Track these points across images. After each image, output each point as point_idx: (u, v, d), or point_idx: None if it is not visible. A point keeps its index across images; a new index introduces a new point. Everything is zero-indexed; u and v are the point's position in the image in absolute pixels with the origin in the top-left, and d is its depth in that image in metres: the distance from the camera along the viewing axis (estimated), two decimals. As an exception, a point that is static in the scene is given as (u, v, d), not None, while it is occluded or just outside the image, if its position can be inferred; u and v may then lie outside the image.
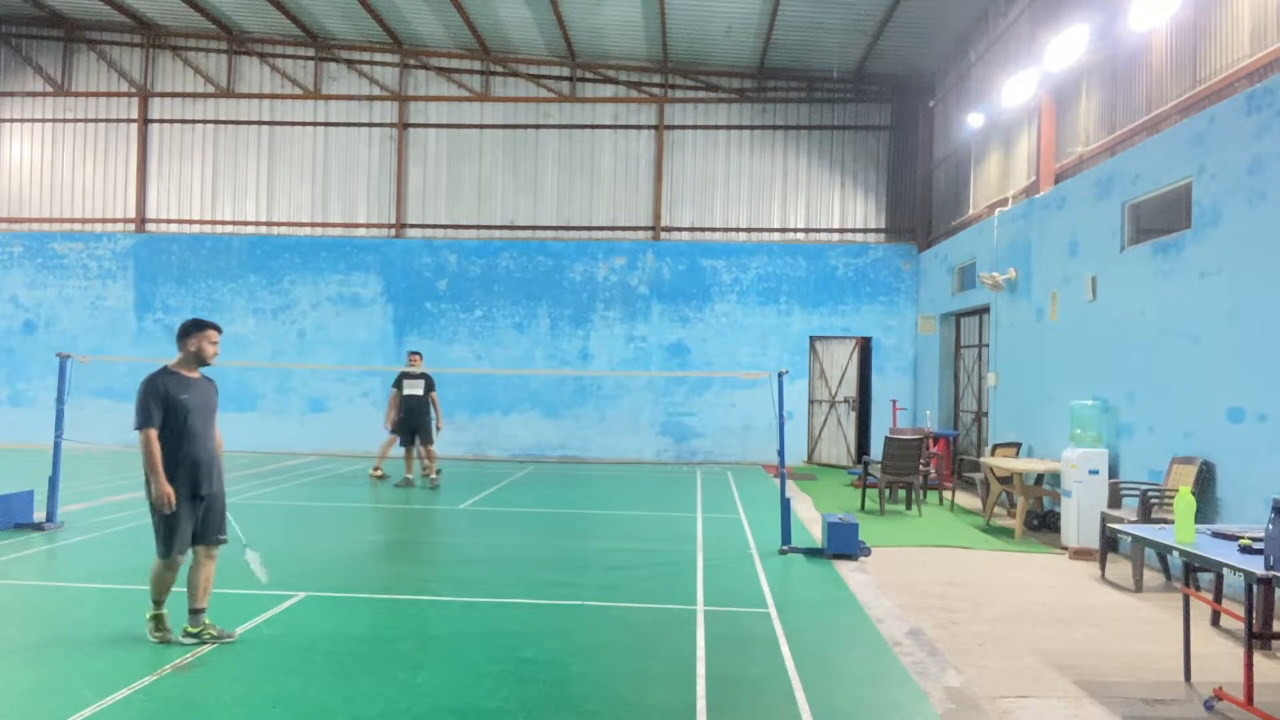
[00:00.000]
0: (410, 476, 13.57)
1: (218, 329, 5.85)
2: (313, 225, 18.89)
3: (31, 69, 19.23)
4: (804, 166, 18.58)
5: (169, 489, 5.46)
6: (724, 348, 18.22)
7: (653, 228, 18.62)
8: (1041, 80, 11.51)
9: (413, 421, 13.43)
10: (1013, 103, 12.29)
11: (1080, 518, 9.06)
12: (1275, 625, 5.76)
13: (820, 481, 15.47)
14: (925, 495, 12.53)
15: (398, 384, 13.64)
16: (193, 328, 5.77)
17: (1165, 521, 7.07)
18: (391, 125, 18.83)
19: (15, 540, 8.71)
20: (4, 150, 19.28)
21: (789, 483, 10.74)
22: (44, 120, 19.21)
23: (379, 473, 14.08)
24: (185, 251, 18.76)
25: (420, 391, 13.47)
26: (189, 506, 5.61)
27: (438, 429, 13.65)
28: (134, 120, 19.05)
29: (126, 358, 17.80)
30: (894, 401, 16.81)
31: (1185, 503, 5.13)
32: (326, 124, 18.91)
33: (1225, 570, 4.67)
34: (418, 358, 13.81)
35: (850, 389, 18.22)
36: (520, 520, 11.21)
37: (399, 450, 13.88)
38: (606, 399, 18.30)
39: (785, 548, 8.97)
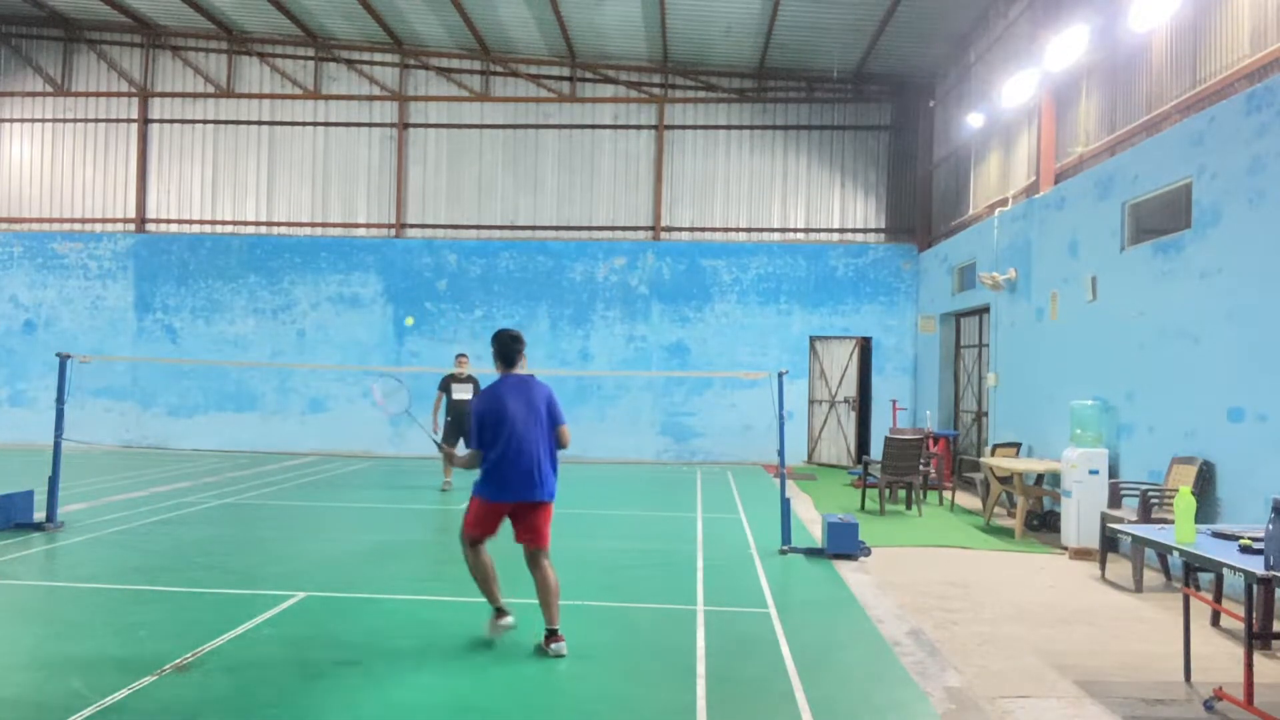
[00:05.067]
0: (450, 480, 13.16)
1: None
2: (313, 225, 18.89)
3: (31, 69, 19.23)
4: (804, 166, 18.58)
5: None
6: (724, 348, 18.21)
7: (653, 228, 18.62)
8: (1041, 80, 11.51)
9: (462, 427, 12.75)
10: (1013, 103, 12.29)
11: (1080, 518, 9.06)
12: (1275, 625, 5.76)
13: (820, 481, 15.47)
14: (925, 495, 12.52)
15: (445, 388, 13.15)
16: None
17: (1165, 521, 7.06)
18: (391, 125, 18.82)
19: (15, 540, 8.70)
20: (4, 150, 19.28)
21: (789, 483, 10.72)
22: (44, 120, 19.21)
23: (449, 486, 13.25)
24: (185, 251, 18.75)
25: (469, 396, 12.76)
26: None
27: None
28: (134, 120, 19.05)
29: (126, 358, 17.77)
30: (894, 401, 16.81)
31: (1185, 503, 5.13)
32: (326, 124, 18.91)
33: (1225, 570, 4.67)
34: (465, 360, 13.40)
35: (850, 389, 18.21)
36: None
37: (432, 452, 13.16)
38: (606, 399, 18.29)
39: (785, 548, 8.97)
